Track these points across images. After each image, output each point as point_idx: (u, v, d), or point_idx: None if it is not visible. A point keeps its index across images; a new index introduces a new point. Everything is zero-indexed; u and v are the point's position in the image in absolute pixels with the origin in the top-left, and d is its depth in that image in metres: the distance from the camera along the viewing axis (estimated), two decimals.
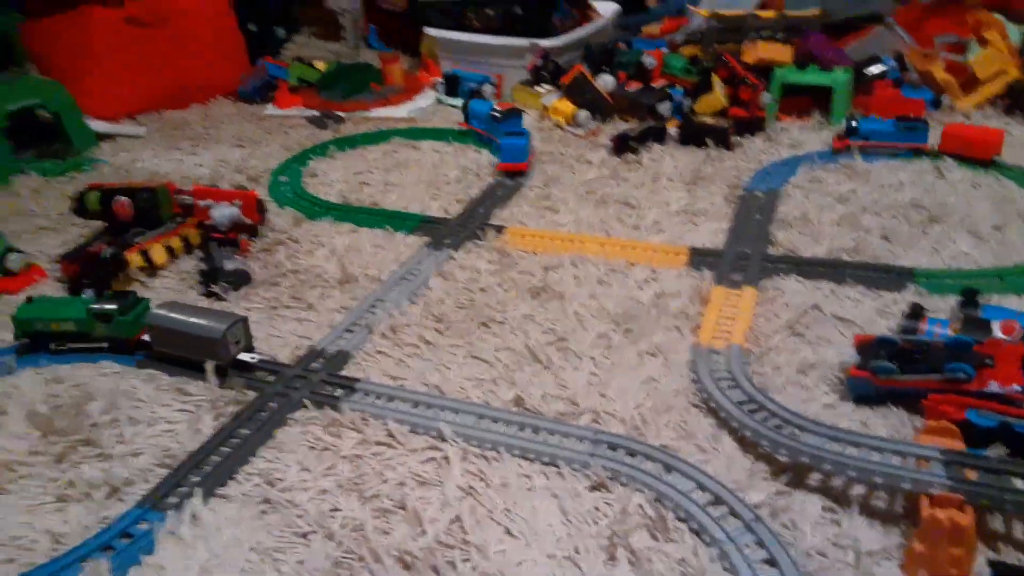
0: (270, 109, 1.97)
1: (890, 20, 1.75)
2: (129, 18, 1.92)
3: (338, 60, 2.17)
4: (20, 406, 0.90)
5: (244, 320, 0.96)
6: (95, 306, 0.98)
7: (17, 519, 0.75)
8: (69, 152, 1.68)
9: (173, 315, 0.95)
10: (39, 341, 1.00)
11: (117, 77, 1.91)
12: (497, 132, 1.55)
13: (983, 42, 1.60)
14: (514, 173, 1.45)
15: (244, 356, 0.95)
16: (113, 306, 0.98)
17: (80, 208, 1.25)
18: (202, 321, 0.94)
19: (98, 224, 1.30)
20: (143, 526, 0.73)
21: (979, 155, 1.32)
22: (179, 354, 0.95)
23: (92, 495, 0.77)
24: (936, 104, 1.56)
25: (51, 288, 1.16)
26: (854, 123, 1.41)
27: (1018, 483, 0.65)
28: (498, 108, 1.60)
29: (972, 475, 0.66)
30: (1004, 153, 1.34)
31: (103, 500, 0.77)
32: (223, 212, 1.21)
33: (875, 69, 1.59)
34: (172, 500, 0.75)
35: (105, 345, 0.99)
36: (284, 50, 2.29)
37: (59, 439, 0.85)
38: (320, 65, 2.09)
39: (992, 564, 0.60)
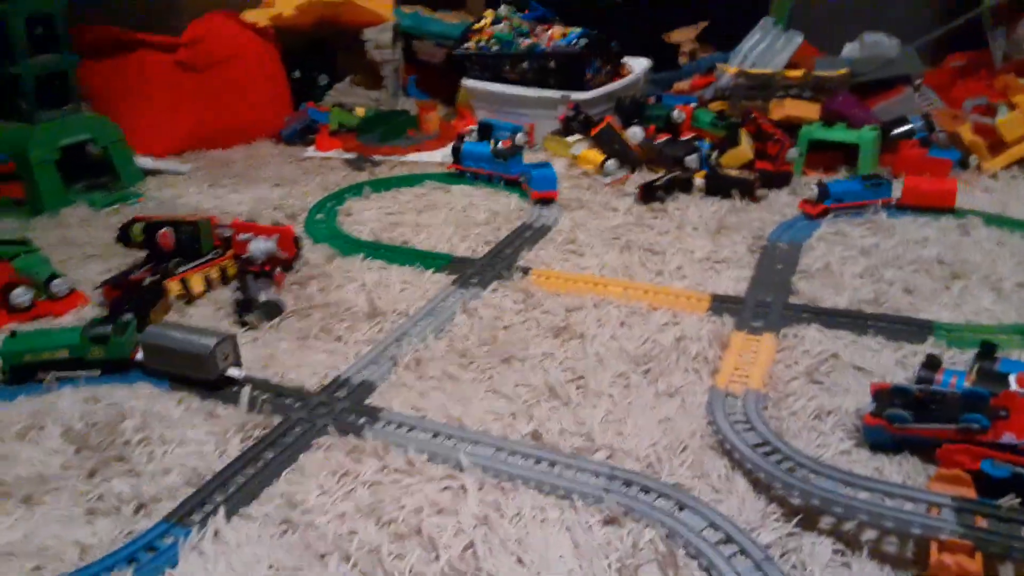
0: (310, 151, 2.04)
1: (919, 82, 1.77)
2: (180, 62, 2.02)
3: (377, 107, 2.25)
4: (57, 422, 0.94)
5: (233, 337, 1.01)
6: (92, 330, 1.02)
7: (48, 530, 0.78)
8: (117, 186, 1.76)
9: (165, 333, 1.01)
10: (23, 374, 1.02)
11: (166, 117, 2.00)
12: (502, 169, 1.69)
13: (1012, 106, 1.62)
14: (547, 201, 1.57)
15: (232, 371, 0.99)
16: (108, 328, 1.03)
17: (124, 238, 1.31)
18: (192, 338, 0.99)
19: (141, 254, 1.35)
20: (168, 540, 0.75)
21: (937, 204, 1.41)
22: (170, 370, 1.00)
23: (120, 509, 0.80)
24: (963, 164, 1.58)
25: (93, 312, 1.21)
26: (817, 188, 1.44)
27: None
28: (502, 147, 1.70)
29: (982, 523, 0.67)
30: None
31: (131, 515, 0.79)
32: (260, 246, 1.26)
33: (901, 128, 1.61)
34: (196, 517, 0.78)
35: (98, 373, 1.03)
36: (326, 96, 2.38)
37: (92, 455, 0.88)
38: (360, 111, 2.17)
39: None
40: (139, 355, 1.03)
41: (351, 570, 0.71)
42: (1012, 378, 0.81)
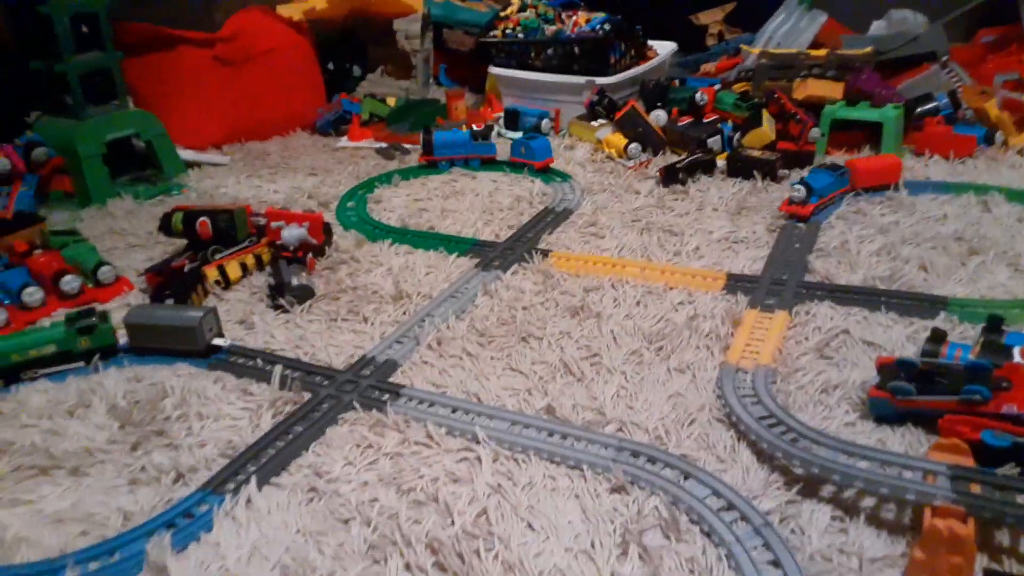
0: (343, 141, 2.09)
1: (945, 58, 1.76)
2: (218, 57, 2.09)
3: (407, 96, 2.29)
4: (103, 400, 1.00)
5: (214, 310, 1.10)
6: (76, 323, 1.08)
7: (93, 499, 0.84)
8: (160, 178, 1.84)
9: (150, 313, 1.11)
10: (9, 374, 1.05)
11: (205, 110, 2.07)
12: (480, 150, 1.78)
13: None
14: (549, 167, 1.70)
15: (217, 341, 1.08)
16: (92, 319, 1.08)
17: (166, 227, 1.37)
18: (178, 314, 1.08)
19: (181, 242, 1.42)
20: (203, 508, 0.81)
21: (886, 181, 1.44)
22: (158, 346, 1.08)
23: (160, 479, 0.86)
24: (989, 141, 1.56)
25: (138, 298, 1.28)
26: (803, 187, 1.36)
27: (1022, 499, 0.67)
28: (477, 128, 1.79)
29: (977, 490, 0.69)
30: None
31: (170, 484, 0.85)
32: (292, 233, 1.31)
33: (926, 106, 1.60)
34: (230, 486, 0.83)
35: (82, 364, 1.08)
36: (359, 87, 2.43)
37: (135, 430, 0.94)
38: (391, 101, 2.22)
39: (986, 571, 0.62)
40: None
41: (372, 534, 0.76)
42: (1016, 350, 0.83)
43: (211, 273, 1.27)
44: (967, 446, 0.74)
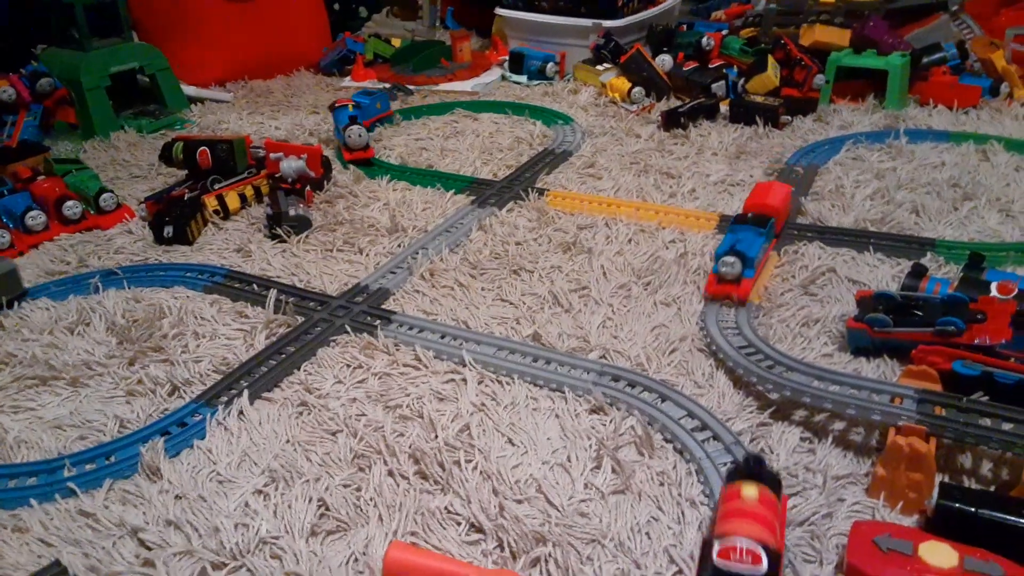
0: (347, 81, 2.09)
1: (956, 8, 1.73)
2: None
3: (413, 38, 2.28)
4: (102, 318, 1.03)
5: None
6: None
7: (91, 407, 0.87)
8: (163, 112, 1.84)
9: None
10: None
11: (210, 47, 2.07)
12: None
13: None
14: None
15: None
16: None
17: (167, 156, 1.39)
18: None
19: (182, 173, 1.43)
20: (197, 417, 0.84)
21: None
22: None
23: (156, 391, 0.89)
24: (994, 92, 1.55)
25: (137, 226, 1.30)
26: (736, 259, 0.97)
27: (984, 421, 0.69)
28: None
29: (942, 412, 0.70)
30: None
31: (165, 396, 0.88)
32: (291, 164, 1.33)
33: (933, 56, 1.59)
34: (223, 399, 0.86)
35: None
36: (364, 27, 2.42)
37: (132, 346, 0.97)
38: (395, 42, 2.21)
39: (942, 486, 0.64)
40: None
41: (358, 444, 0.79)
42: (993, 286, 0.84)
43: (210, 202, 1.29)
44: (936, 373, 0.75)
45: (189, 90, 1.93)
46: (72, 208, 1.27)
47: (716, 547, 0.58)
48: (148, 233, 1.26)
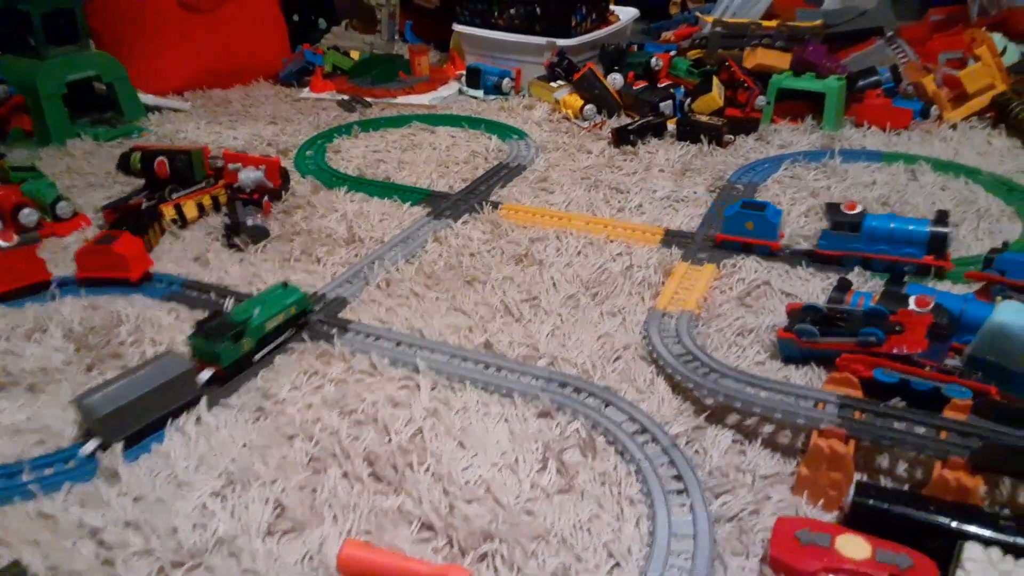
0: (305, 92, 2.11)
1: (891, 34, 1.83)
2: (184, 3, 2.09)
3: (371, 51, 2.31)
4: (60, 325, 1.04)
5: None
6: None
7: (50, 412, 0.89)
8: (120, 120, 1.85)
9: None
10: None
11: (168, 56, 2.07)
12: None
13: (977, 58, 1.67)
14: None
15: None
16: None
17: (124, 165, 1.40)
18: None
19: (139, 182, 1.44)
20: None
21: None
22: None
23: None
24: (924, 115, 1.64)
25: (94, 234, 1.30)
26: None
27: (900, 425, 0.75)
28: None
29: (861, 417, 0.76)
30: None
31: None
32: (249, 175, 1.35)
33: (868, 79, 1.67)
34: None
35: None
36: (324, 39, 2.44)
37: (90, 353, 0.99)
38: (354, 55, 2.24)
39: (857, 483, 0.69)
40: None
41: (313, 448, 0.82)
42: (912, 299, 0.90)
43: (168, 211, 1.31)
44: (857, 380, 0.81)
45: (147, 98, 1.93)
46: (28, 216, 1.28)
47: None
48: None
